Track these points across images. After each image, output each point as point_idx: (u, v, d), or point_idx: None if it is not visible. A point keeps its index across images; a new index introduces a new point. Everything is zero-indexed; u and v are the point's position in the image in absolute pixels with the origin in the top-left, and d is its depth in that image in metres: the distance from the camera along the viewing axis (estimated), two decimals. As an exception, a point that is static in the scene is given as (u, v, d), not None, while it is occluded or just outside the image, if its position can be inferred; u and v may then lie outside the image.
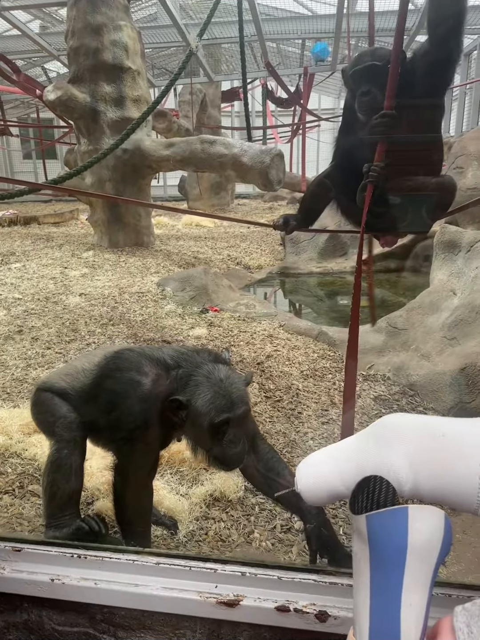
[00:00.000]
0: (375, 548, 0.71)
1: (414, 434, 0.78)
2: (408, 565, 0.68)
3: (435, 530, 0.70)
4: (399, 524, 0.69)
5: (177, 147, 5.68)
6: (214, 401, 1.28)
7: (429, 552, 0.69)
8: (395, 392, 2.82)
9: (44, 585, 1.18)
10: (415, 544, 0.68)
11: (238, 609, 1.10)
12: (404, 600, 0.67)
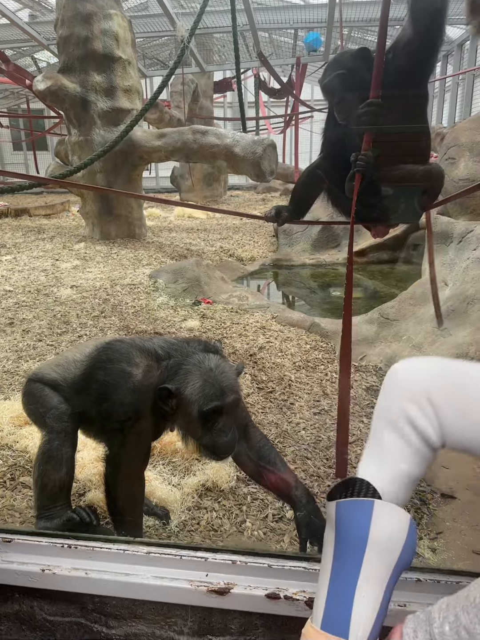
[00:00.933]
0: (340, 535, 0.73)
1: (430, 375, 0.80)
2: (366, 557, 0.70)
3: (397, 529, 0.72)
4: (363, 516, 0.72)
5: (169, 138, 5.64)
6: (204, 389, 1.27)
7: (389, 549, 0.71)
8: (387, 382, 2.83)
9: (35, 576, 1.18)
10: (375, 538, 0.71)
11: (229, 596, 1.10)
12: (358, 591, 0.70)
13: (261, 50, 8.72)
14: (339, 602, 0.71)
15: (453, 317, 2.87)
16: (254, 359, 2.97)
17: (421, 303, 3.24)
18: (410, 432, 0.80)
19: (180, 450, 2.07)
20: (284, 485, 1.43)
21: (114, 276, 4.59)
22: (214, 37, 10.07)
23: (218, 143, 5.24)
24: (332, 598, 0.73)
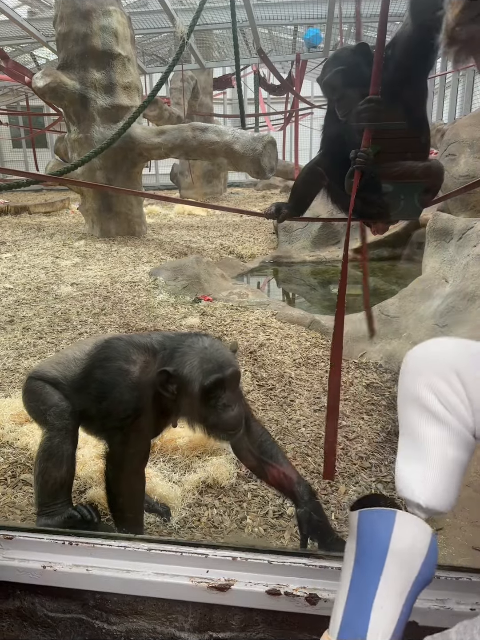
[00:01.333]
0: (361, 545, 0.73)
1: (456, 353, 0.77)
2: (386, 568, 0.70)
3: (418, 542, 0.71)
4: (385, 527, 0.72)
5: (169, 135, 5.63)
6: (202, 366, 1.27)
7: (409, 561, 0.71)
8: (387, 379, 2.83)
9: (36, 572, 1.19)
10: (395, 549, 0.70)
11: (229, 593, 1.11)
12: (377, 602, 0.69)
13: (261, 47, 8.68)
14: (356, 613, 0.71)
15: (453, 314, 2.87)
16: (254, 356, 2.97)
17: (421, 300, 3.24)
18: (444, 412, 0.75)
19: (181, 447, 2.08)
20: (286, 481, 1.43)
21: (114, 274, 4.59)
22: (214, 33, 10.03)
23: (218, 140, 5.23)
24: (350, 608, 0.72)
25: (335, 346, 1.51)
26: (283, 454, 1.48)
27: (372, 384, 2.76)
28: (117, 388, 1.35)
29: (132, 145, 5.82)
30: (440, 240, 3.44)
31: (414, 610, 1.01)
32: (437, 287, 3.23)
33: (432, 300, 3.17)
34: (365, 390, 2.69)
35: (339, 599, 0.75)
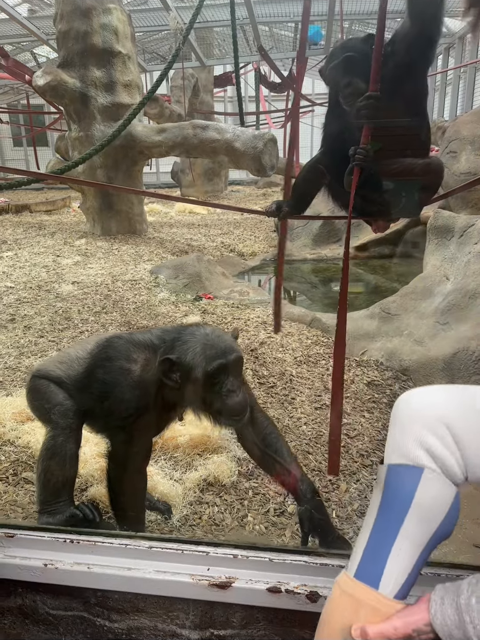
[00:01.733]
0: (387, 495, 0.78)
1: (446, 402, 0.78)
2: (408, 518, 0.75)
3: (441, 499, 0.75)
4: (412, 481, 0.75)
5: (169, 133, 5.62)
6: (204, 352, 1.28)
7: (429, 516, 0.75)
8: (388, 377, 2.83)
9: (38, 570, 1.19)
10: (419, 502, 0.74)
11: (230, 590, 1.11)
12: (395, 547, 0.74)
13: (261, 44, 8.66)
14: (375, 556, 0.77)
15: (454, 312, 2.87)
16: (255, 354, 2.97)
17: (422, 297, 3.24)
18: (434, 467, 0.77)
19: (182, 445, 2.08)
20: (289, 477, 1.43)
21: (115, 272, 4.59)
22: (214, 30, 10.00)
23: (218, 138, 5.22)
24: (369, 551, 0.78)
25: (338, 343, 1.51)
26: (288, 448, 1.48)
27: (373, 382, 2.76)
28: (119, 387, 1.36)
29: (133, 144, 5.81)
30: (441, 237, 3.43)
31: (415, 607, 1.02)
32: (438, 285, 3.22)
33: (433, 297, 3.17)
34: (366, 388, 2.69)
35: (360, 542, 0.79)
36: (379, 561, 0.76)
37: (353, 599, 0.78)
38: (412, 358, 2.87)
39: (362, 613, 0.76)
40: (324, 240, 6.09)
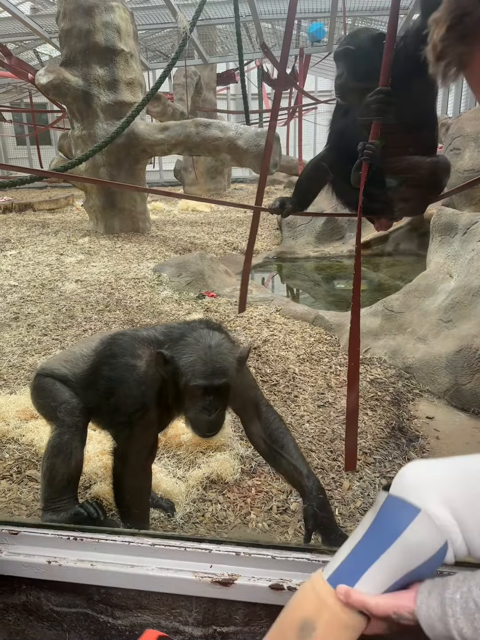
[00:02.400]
0: (377, 521, 0.81)
1: (448, 490, 0.80)
2: (390, 549, 0.78)
3: (427, 543, 0.77)
4: (405, 517, 0.78)
5: (172, 131, 5.62)
6: (194, 365, 1.28)
7: (411, 554, 0.78)
8: (392, 375, 2.83)
9: (41, 567, 1.20)
10: (405, 540, 0.77)
11: (233, 587, 1.11)
12: (369, 571, 0.79)
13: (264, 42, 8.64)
14: (351, 570, 0.81)
15: (458, 309, 2.86)
16: (258, 352, 2.97)
17: (426, 295, 3.23)
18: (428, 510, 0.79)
19: (185, 443, 2.08)
20: (295, 474, 1.43)
21: (118, 270, 4.60)
22: (217, 28, 9.99)
23: (221, 136, 5.22)
24: (348, 563, 0.82)
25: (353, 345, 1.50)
26: (295, 444, 1.47)
27: (376, 380, 2.76)
28: (125, 383, 1.37)
29: (136, 142, 5.81)
30: (444, 235, 3.42)
31: (417, 605, 1.02)
32: (442, 283, 3.22)
33: (437, 295, 3.16)
34: (369, 386, 2.68)
35: (342, 552, 0.84)
36: (352, 577, 0.80)
37: (320, 599, 0.82)
38: (416, 356, 2.86)
39: (325, 615, 0.80)
40: (327, 237, 6.08)
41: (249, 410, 1.45)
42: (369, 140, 1.45)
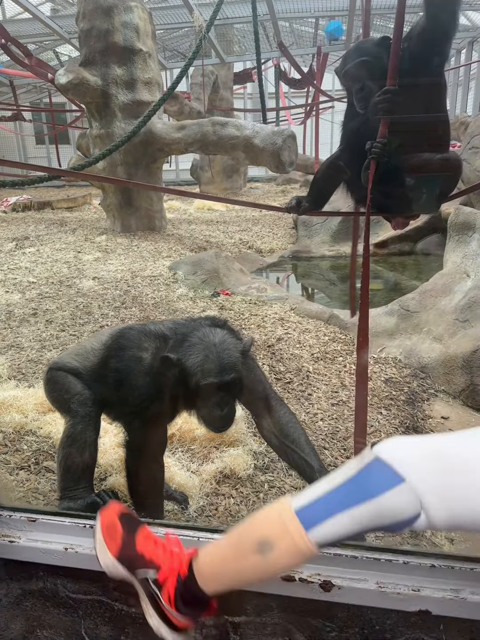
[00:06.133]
0: (361, 476, 0.85)
1: (419, 465, 0.82)
2: (364, 506, 0.82)
3: (402, 511, 0.80)
4: (388, 482, 0.81)
5: (189, 130, 5.65)
6: (204, 364, 1.31)
7: (383, 516, 0.82)
8: (407, 374, 2.81)
9: (58, 554, 1.23)
10: (382, 500, 0.81)
11: (245, 578, 1.13)
12: (339, 517, 0.84)
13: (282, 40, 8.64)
14: (320, 510, 0.86)
15: (475, 309, 2.83)
16: (272, 350, 2.98)
17: (442, 294, 3.21)
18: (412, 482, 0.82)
19: (199, 438, 2.11)
20: (307, 468, 1.43)
21: (134, 268, 4.64)
22: (234, 27, 10.01)
23: (237, 134, 5.23)
24: (319, 503, 0.87)
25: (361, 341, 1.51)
26: (306, 437, 1.48)
27: (391, 379, 2.75)
28: (131, 375, 1.40)
29: (153, 141, 5.86)
30: (462, 234, 3.39)
31: (427, 599, 1.03)
32: (459, 282, 3.19)
33: (453, 295, 3.13)
34: (384, 385, 2.68)
35: (316, 490, 0.89)
36: (321, 515, 0.85)
37: (284, 527, 0.87)
38: (431, 355, 2.85)
39: (285, 541, 0.87)
40: (342, 237, 6.06)
41: (259, 404, 1.46)
42: (377, 139, 1.46)
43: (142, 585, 1.05)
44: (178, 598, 0.99)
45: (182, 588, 0.99)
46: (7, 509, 1.30)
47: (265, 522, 0.93)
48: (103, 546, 1.07)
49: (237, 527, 0.98)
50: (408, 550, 1.14)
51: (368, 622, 1.14)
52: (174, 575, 1.01)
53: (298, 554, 0.87)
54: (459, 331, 2.84)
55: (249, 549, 0.91)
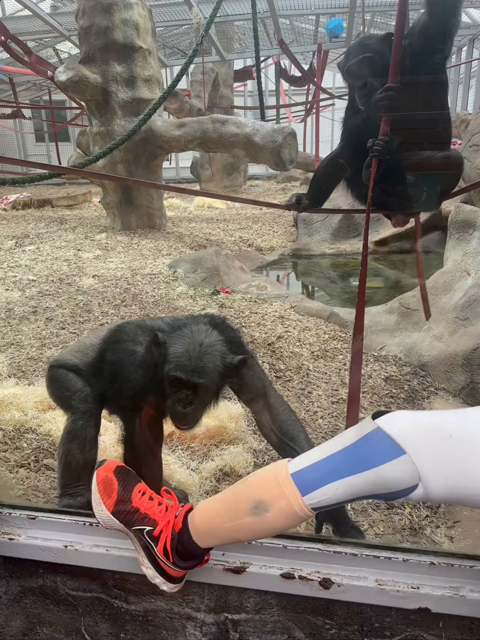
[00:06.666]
0: (361, 445, 0.85)
1: (419, 437, 0.82)
2: (362, 475, 0.83)
3: (400, 482, 0.81)
4: (387, 454, 0.82)
5: (189, 127, 5.64)
6: (180, 358, 1.30)
7: (380, 486, 0.83)
8: (407, 372, 2.81)
9: (58, 552, 1.23)
10: (380, 471, 0.82)
11: (244, 575, 1.13)
12: (336, 483, 0.85)
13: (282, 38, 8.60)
14: (318, 475, 0.88)
15: (475, 307, 2.83)
16: (272, 348, 2.98)
17: (443, 292, 3.20)
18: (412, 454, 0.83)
19: (199, 436, 2.11)
20: None
21: (134, 266, 4.64)
22: (235, 25, 9.97)
23: (238, 132, 5.22)
24: (317, 468, 0.89)
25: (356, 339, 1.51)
26: (305, 434, 1.46)
27: (391, 377, 2.75)
28: (125, 367, 1.41)
29: (153, 139, 5.85)
30: (462, 232, 3.39)
31: (426, 596, 1.03)
32: (459, 280, 3.18)
33: (454, 293, 3.13)
34: (384, 383, 2.68)
35: (314, 455, 0.91)
36: (318, 481, 0.87)
37: (280, 489, 0.89)
38: (432, 354, 2.84)
39: (280, 503, 0.89)
40: (343, 234, 6.06)
41: (258, 401, 1.45)
42: (379, 137, 1.45)
43: (137, 537, 1.08)
44: (173, 551, 1.03)
45: (177, 541, 1.03)
46: (6, 506, 1.30)
47: (261, 483, 0.95)
48: (99, 501, 1.10)
49: (233, 487, 1.00)
50: (407, 547, 1.14)
51: (367, 620, 1.14)
52: (169, 529, 1.04)
53: (293, 516, 0.90)
54: (459, 329, 2.84)
55: (245, 509, 0.93)
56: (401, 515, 1.74)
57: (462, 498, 0.81)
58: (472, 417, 0.83)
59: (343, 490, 0.85)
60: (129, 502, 1.09)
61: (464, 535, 1.70)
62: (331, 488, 0.85)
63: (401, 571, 1.08)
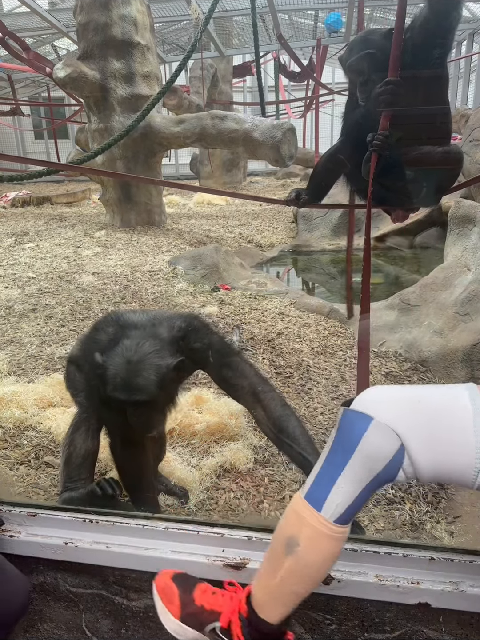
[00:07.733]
0: (339, 436, 0.87)
1: (397, 409, 0.84)
2: (352, 460, 0.84)
3: (384, 448, 0.82)
4: (360, 428, 0.83)
5: (188, 124, 5.62)
6: (115, 378, 1.29)
7: (371, 460, 0.83)
8: (407, 368, 2.81)
9: (58, 549, 1.23)
10: (363, 448, 0.83)
11: (244, 571, 1.13)
12: (337, 482, 0.86)
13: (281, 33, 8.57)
14: (322, 484, 0.88)
15: (475, 302, 2.83)
16: (272, 345, 2.98)
17: (442, 288, 3.20)
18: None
19: (199, 432, 2.11)
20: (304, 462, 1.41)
21: (134, 263, 4.64)
22: (233, 20, 9.93)
23: (237, 128, 5.20)
24: (319, 479, 0.89)
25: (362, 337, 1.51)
26: (301, 430, 1.42)
27: (392, 373, 2.75)
28: (87, 355, 1.43)
29: (152, 135, 5.83)
30: (462, 227, 3.38)
31: (426, 591, 1.03)
32: (459, 276, 3.18)
33: (454, 288, 3.12)
34: (384, 379, 2.67)
35: (315, 468, 0.91)
36: (324, 490, 0.87)
37: (299, 517, 0.89)
38: (432, 349, 2.84)
39: (305, 530, 0.87)
40: (343, 230, 6.03)
41: (248, 399, 1.42)
42: (379, 132, 1.45)
43: (213, 639, 1.01)
44: (247, 637, 0.95)
45: (247, 626, 0.95)
46: (7, 503, 1.30)
47: (285, 522, 0.93)
48: (164, 610, 1.04)
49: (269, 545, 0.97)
50: (407, 543, 1.14)
51: (368, 615, 1.14)
52: (236, 616, 0.97)
53: (323, 539, 0.87)
54: (459, 325, 2.83)
55: (280, 555, 0.90)
56: (401, 510, 1.74)
57: (449, 472, 0.82)
58: (440, 388, 0.86)
59: (346, 486, 0.84)
60: (192, 603, 1.03)
61: (465, 531, 1.70)
62: (337, 489, 0.85)
63: (401, 566, 1.08)
